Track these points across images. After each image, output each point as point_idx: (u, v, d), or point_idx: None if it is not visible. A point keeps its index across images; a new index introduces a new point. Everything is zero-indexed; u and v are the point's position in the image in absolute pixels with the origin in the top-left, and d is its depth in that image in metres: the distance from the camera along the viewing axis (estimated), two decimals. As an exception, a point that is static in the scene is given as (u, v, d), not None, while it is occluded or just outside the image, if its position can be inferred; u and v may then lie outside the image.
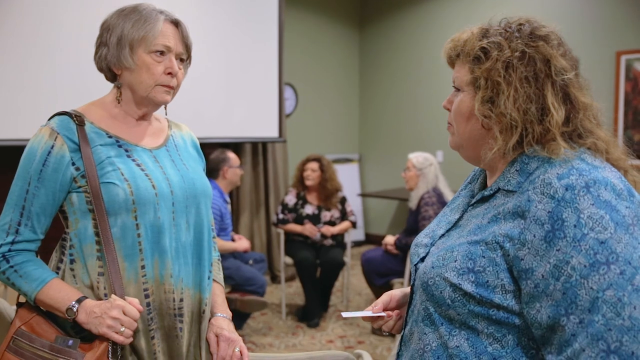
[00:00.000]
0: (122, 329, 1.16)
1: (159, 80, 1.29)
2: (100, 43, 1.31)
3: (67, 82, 3.35)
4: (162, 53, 1.28)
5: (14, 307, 1.34)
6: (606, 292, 0.76)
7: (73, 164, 1.23)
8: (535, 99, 0.89)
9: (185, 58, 1.35)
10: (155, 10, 1.30)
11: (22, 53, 3.25)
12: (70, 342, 1.18)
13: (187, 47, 1.34)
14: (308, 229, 4.01)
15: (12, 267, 1.22)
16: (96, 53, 1.33)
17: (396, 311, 1.15)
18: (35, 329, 1.21)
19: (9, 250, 1.22)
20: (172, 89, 1.33)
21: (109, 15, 1.32)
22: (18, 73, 3.24)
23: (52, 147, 1.22)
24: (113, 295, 1.19)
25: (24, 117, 3.27)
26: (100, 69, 1.34)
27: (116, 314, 1.16)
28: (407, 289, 1.14)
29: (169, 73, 1.30)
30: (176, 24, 1.32)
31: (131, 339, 1.19)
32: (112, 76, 1.34)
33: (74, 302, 1.18)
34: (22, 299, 1.28)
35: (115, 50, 1.28)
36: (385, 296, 1.16)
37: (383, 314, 1.11)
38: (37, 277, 1.21)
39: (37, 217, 1.23)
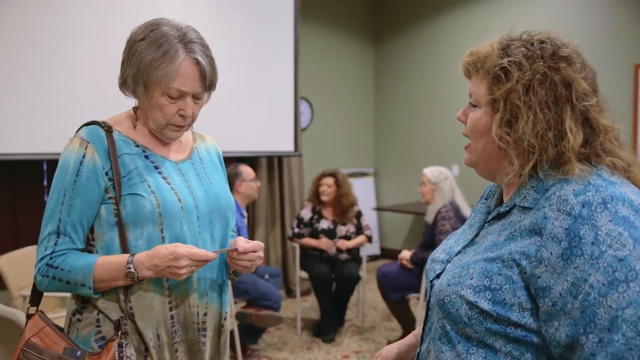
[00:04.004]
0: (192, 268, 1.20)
1: (170, 121, 1.28)
2: (124, 62, 1.29)
3: (73, 98, 3.41)
4: (177, 96, 1.25)
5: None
6: (626, 310, 0.75)
7: (106, 173, 1.24)
8: (554, 124, 0.88)
9: (203, 95, 1.30)
10: (179, 44, 1.23)
11: (29, 64, 3.31)
12: (79, 353, 1.19)
13: (211, 83, 1.29)
14: (324, 243, 4.00)
15: (56, 267, 1.22)
16: (121, 70, 1.30)
17: None
18: (44, 341, 1.22)
19: (50, 259, 1.22)
20: (184, 128, 1.31)
21: (136, 30, 1.28)
22: (19, 86, 3.27)
23: (84, 156, 1.23)
24: (167, 246, 1.20)
25: (24, 131, 3.28)
26: (122, 88, 1.32)
27: (185, 263, 1.18)
28: (405, 342, 1.19)
29: (182, 115, 1.28)
30: (197, 62, 1.25)
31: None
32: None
33: (128, 265, 1.19)
34: (31, 311, 1.28)
35: (131, 82, 1.26)
36: (384, 352, 1.18)
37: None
38: (83, 264, 1.21)
39: (73, 228, 1.23)
